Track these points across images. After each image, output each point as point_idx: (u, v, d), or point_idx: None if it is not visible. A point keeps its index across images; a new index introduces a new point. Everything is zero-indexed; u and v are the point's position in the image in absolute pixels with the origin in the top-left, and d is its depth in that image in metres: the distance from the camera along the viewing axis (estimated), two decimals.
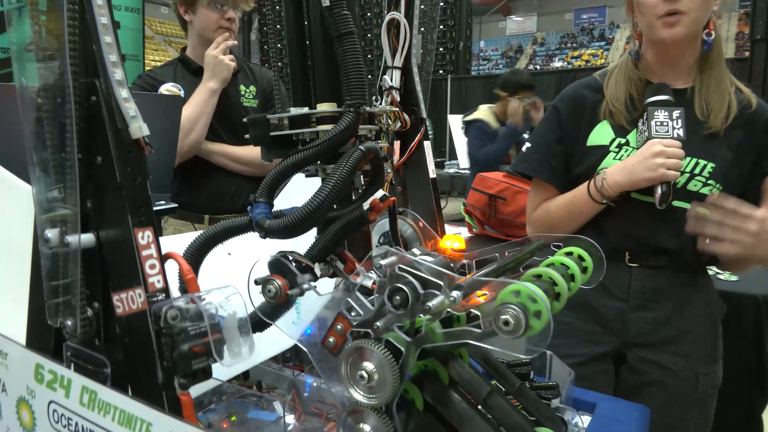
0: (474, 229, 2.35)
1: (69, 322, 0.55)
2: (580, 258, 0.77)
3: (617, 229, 1.22)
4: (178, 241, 0.71)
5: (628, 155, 1.21)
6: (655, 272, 1.22)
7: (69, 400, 0.60)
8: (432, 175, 1.06)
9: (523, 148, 1.38)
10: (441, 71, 11.57)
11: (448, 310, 0.56)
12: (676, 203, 1.19)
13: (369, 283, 0.63)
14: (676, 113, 1.14)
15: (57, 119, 0.50)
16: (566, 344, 1.32)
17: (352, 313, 0.63)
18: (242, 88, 1.79)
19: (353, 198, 0.79)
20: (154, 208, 1.39)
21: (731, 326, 1.41)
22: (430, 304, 0.56)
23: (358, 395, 0.61)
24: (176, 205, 1.37)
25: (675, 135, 1.14)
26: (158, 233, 0.52)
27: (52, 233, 0.53)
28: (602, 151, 1.24)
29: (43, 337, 0.62)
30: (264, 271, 0.70)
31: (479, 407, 0.76)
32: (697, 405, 1.26)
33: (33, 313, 0.62)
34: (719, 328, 1.30)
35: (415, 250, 0.75)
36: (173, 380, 0.51)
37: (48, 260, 0.54)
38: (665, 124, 1.15)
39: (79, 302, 0.53)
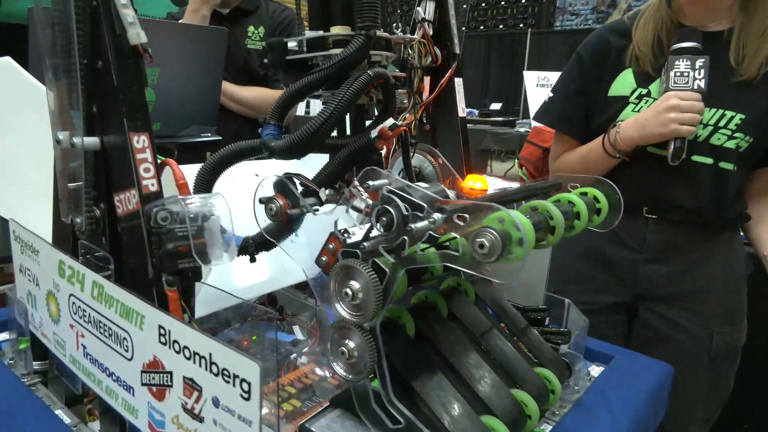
0: (526, 183, 2.29)
1: (78, 220, 0.60)
2: (595, 199, 0.74)
3: (632, 184, 1.15)
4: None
5: (647, 107, 1.13)
6: (673, 226, 1.16)
7: (83, 294, 0.66)
8: (462, 113, 1.04)
9: (546, 98, 1.33)
10: (521, 25, 11.03)
11: (431, 233, 0.56)
12: (696, 158, 1.12)
13: (362, 206, 0.64)
14: (699, 62, 1.05)
15: (64, 23, 0.53)
16: (577, 291, 1.29)
17: (344, 234, 0.64)
18: (250, 29, 1.74)
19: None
20: (200, 140, 1.44)
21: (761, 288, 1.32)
22: (412, 225, 0.56)
23: (343, 311, 0.62)
24: (220, 137, 1.42)
25: (695, 86, 1.05)
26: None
27: (62, 135, 0.57)
28: (622, 102, 1.18)
29: (65, 236, 0.68)
30: (270, 191, 0.72)
31: (477, 344, 0.76)
32: (710, 365, 1.20)
33: (56, 213, 0.67)
34: (743, 288, 1.23)
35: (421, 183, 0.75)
36: (161, 277, 0.54)
37: (59, 161, 0.58)
38: (686, 74, 1.06)
39: (86, 202, 0.58)
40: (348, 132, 0.82)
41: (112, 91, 0.54)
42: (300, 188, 0.74)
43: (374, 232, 0.61)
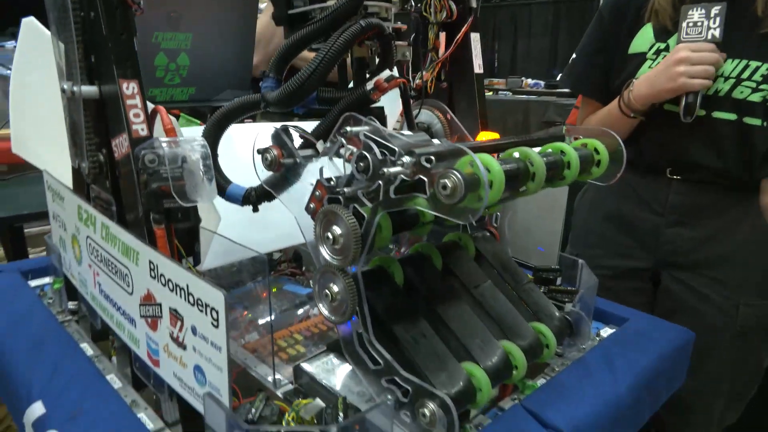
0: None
1: (83, 165, 0.65)
2: (596, 151, 0.71)
3: (653, 144, 1.11)
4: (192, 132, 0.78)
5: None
6: (698, 187, 1.09)
7: (96, 235, 0.72)
8: (478, 70, 1.02)
9: (570, 60, 1.28)
10: None
11: (403, 176, 0.56)
12: (717, 114, 1.03)
13: (347, 153, 0.65)
14: (715, 10, 0.97)
15: None
16: (596, 255, 1.25)
17: (329, 181, 0.66)
18: None
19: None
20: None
21: None
22: (385, 169, 0.57)
23: (327, 255, 0.64)
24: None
25: (709, 36, 0.97)
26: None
27: (66, 85, 0.62)
28: (641, 59, 1.11)
29: (82, 182, 0.74)
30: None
31: (470, 296, 0.76)
32: (735, 340, 1.12)
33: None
34: None
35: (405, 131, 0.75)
36: (149, 216, 0.58)
37: (65, 110, 0.63)
38: (699, 24, 0.98)
39: (88, 147, 0.62)
40: (352, 85, 0.83)
41: (103, 41, 0.57)
42: (299, 140, 0.77)
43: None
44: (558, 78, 1.53)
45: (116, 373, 0.76)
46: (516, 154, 0.62)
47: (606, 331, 0.93)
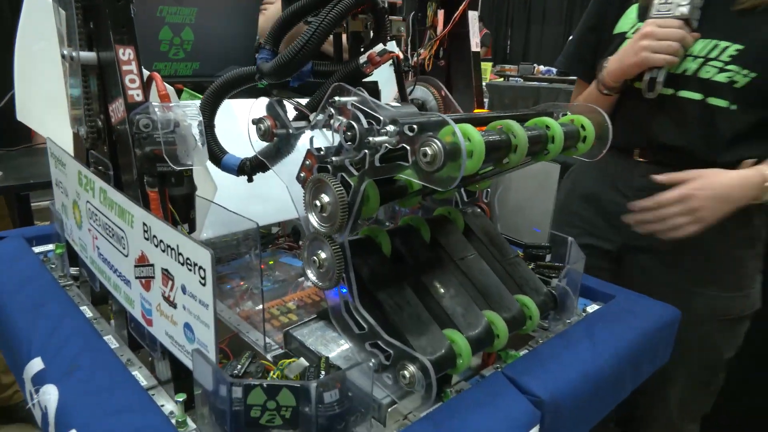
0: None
1: (82, 130, 0.67)
2: (582, 127, 0.72)
3: (623, 124, 1.08)
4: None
5: None
6: (662, 170, 1.08)
7: (95, 199, 0.74)
8: (475, 48, 1.02)
9: (568, 41, 1.30)
10: None
11: (387, 145, 0.58)
12: (683, 93, 1.04)
13: (336, 124, 0.66)
14: None
15: None
16: (570, 233, 1.24)
17: (319, 151, 0.68)
18: None
19: None
20: None
21: None
22: (370, 138, 0.59)
23: (315, 223, 0.66)
24: None
25: (677, 13, 0.98)
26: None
27: (66, 50, 0.64)
28: (622, 38, 1.12)
29: (82, 147, 0.76)
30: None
31: (456, 267, 0.78)
32: (688, 328, 1.07)
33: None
34: (746, 251, 1.11)
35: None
36: (143, 179, 0.61)
37: (66, 75, 0.65)
38: (669, 2, 0.99)
39: (86, 112, 0.65)
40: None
41: (101, 7, 0.59)
42: (294, 112, 0.79)
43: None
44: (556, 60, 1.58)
45: (113, 335, 0.79)
46: (500, 127, 0.63)
47: (593, 308, 0.94)
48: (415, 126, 0.55)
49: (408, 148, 0.56)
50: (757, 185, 1.00)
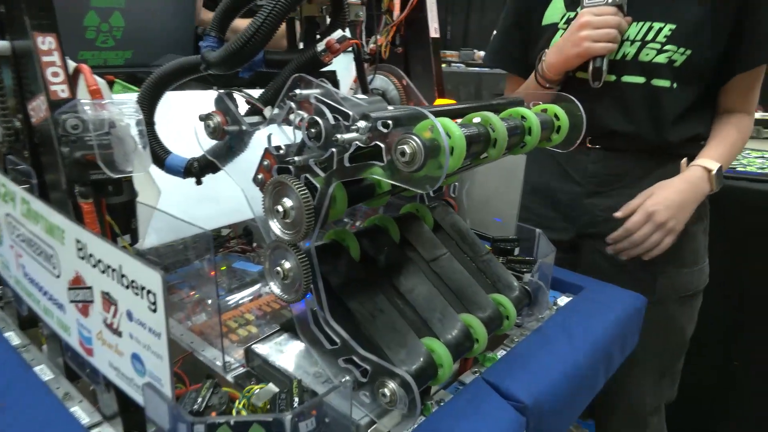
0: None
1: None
2: (555, 117, 0.69)
3: None
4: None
5: None
6: (615, 156, 1.10)
7: (16, 211, 0.64)
8: (434, 34, 0.98)
9: (492, 37, 1.28)
10: None
11: (358, 143, 0.52)
12: (625, 78, 1.05)
13: (297, 119, 0.60)
14: None
15: None
16: None
17: (278, 150, 0.61)
18: None
19: None
20: None
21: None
22: (339, 136, 0.53)
23: (277, 229, 0.60)
24: None
25: (610, 0, 0.98)
26: None
27: None
28: (553, 29, 1.12)
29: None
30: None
31: (428, 268, 0.74)
32: (654, 311, 1.10)
33: None
34: (696, 227, 1.15)
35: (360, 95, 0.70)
36: (74, 189, 0.52)
37: None
38: None
39: (0, 112, 0.55)
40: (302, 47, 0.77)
41: None
42: (246, 106, 0.71)
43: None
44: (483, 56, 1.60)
45: (47, 364, 0.69)
46: (477, 119, 0.59)
47: (563, 300, 0.93)
48: (389, 121, 0.49)
49: (382, 145, 0.50)
50: (704, 180, 1.04)
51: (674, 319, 1.17)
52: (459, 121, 0.60)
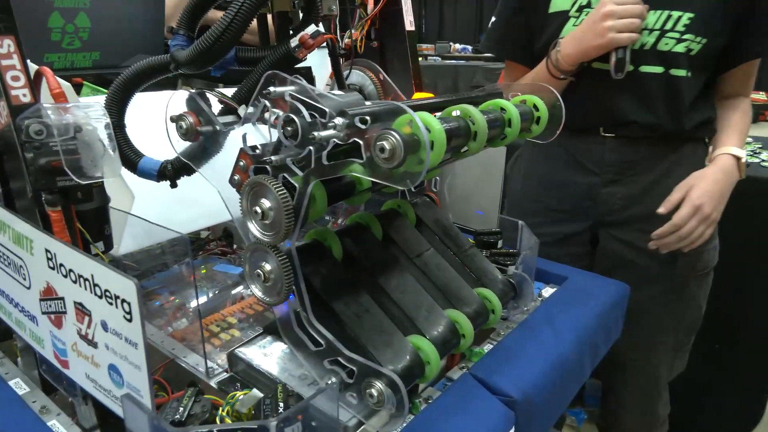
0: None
1: None
2: (535, 108, 0.68)
3: (585, 104, 1.09)
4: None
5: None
6: (631, 144, 1.10)
7: None
8: (409, 27, 0.96)
9: (489, 23, 1.22)
10: None
11: (335, 140, 0.51)
12: (644, 69, 1.03)
13: (272, 117, 0.58)
14: None
15: None
16: (533, 223, 1.23)
17: (254, 150, 0.59)
18: None
19: None
20: None
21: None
22: (315, 133, 0.51)
23: (257, 232, 0.58)
24: None
25: None
26: None
27: None
28: (563, 17, 1.08)
29: None
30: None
31: (413, 265, 0.73)
32: (675, 289, 1.16)
33: None
34: None
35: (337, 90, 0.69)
36: (40, 197, 0.50)
37: None
38: None
39: None
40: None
41: None
42: (219, 105, 0.69)
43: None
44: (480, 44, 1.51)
45: (22, 377, 0.67)
46: (456, 113, 0.58)
47: (547, 291, 0.92)
48: (367, 117, 0.48)
49: (360, 142, 0.49)
50: (735, 168, 1.06)
51: (694, 296, 1.19)
52: (438, 114, 0.59)
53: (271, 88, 0.55)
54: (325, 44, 0.72)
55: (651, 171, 1.11)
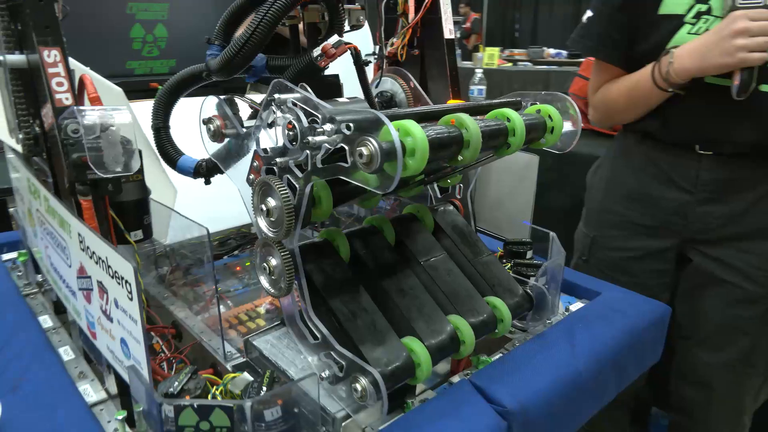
0: None
1: (21, 136, 0.64)
2: (549, 118, 0.67)
3: (686, 120, 1.01)
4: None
5: (707, 29, 0.95)
6: (731, 162, 1.00)
7: (41, 207, 0.71)
8: (449, 35, 0.97)
9: (584, 18, 1.14)
10: None
11: (327, 145, 0.54)
12: (764, 87, 0.93)
13: (285, 122, 0.62)
14: None
15: None
16: (615, 236, 1.18)
17: (266, 152, 0.64)
18: None
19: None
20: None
21: None
22: (309, 137, 0.55)
23: (263, 226, 0.63)
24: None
25: (766, 1, 0.86)
26: None
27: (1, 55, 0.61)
28: (676, 22, 0.98)
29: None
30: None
31: (422, 270, 0.74)
32: None
33: None
34: None
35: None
36: (74, 186, 0.57)
37: (1, 81, 0.62)
38: None
39: (20, 118, 0.61)
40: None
41: (23, 8, 0.56)
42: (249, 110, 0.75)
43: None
44: (569, 40, 1.30)
45: (71, 345, 0.76)
46: (449, 120, 0.59)
47: (577, 306, 0.90)
48: (351, 124, 0.51)
49: (346, 147, 0.52)
50: None
51: None
52: (438, 122, 0.60)
53: (276, 95, 0.59)
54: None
55: (752, 189, 1.02)
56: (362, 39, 1.16)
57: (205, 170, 0.78)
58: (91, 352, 0.68)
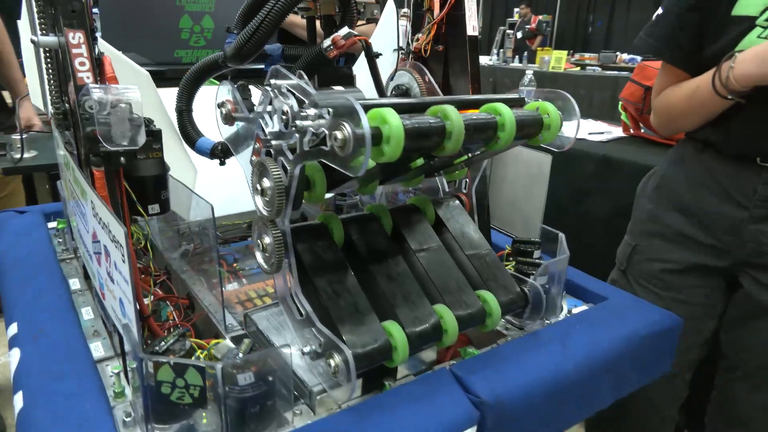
0: (629, 130, 2.04)
1: (52, 111, 0.71)
2: (547, 114, 0.67)
3: (746, 132, 0.95)
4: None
5: None
6: None
7: (71, 177, 0.78)
8: (472, 32, 0.98)
9: (654, 17, 1.07)
10: None
11: (311, 129, 0.57)
12: None
13: (285, 107, 0.66)
14: None
15: None
16: (660, 247, 1.12)
17: (266, 134, 0.67)
18: None
19: None
20: (258, 66, 1.53)
21: None
22: (298, 122, 0.58)
23: (259, 205, 0.66)
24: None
25: None
26: None
27: (33, 36, 0.68)
28: (747, 24, 0.91)
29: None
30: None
31: (415, 259, 0.76)
32: None
33: None
34: None
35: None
36: (89, 158, 0.63)
37: (36, 61, 0.69)
38: None
39: (51, 95, 0.68)
40: None
41: None
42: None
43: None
44: (635, 40, 1.09)
45: (92, 306, 0.83)
46: (434, 112, 0.60)
47: (579, 308, 0.88)
48: (330, 110, 0.53)
49: (326, 132, 0.55)
50: None
51: None
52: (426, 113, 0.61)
53: (272, 81, 0.62)
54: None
55: None
56: (391, 33, 1.19)
57: (220, 152, 0.83)
58: (103, 312, 0.75)
